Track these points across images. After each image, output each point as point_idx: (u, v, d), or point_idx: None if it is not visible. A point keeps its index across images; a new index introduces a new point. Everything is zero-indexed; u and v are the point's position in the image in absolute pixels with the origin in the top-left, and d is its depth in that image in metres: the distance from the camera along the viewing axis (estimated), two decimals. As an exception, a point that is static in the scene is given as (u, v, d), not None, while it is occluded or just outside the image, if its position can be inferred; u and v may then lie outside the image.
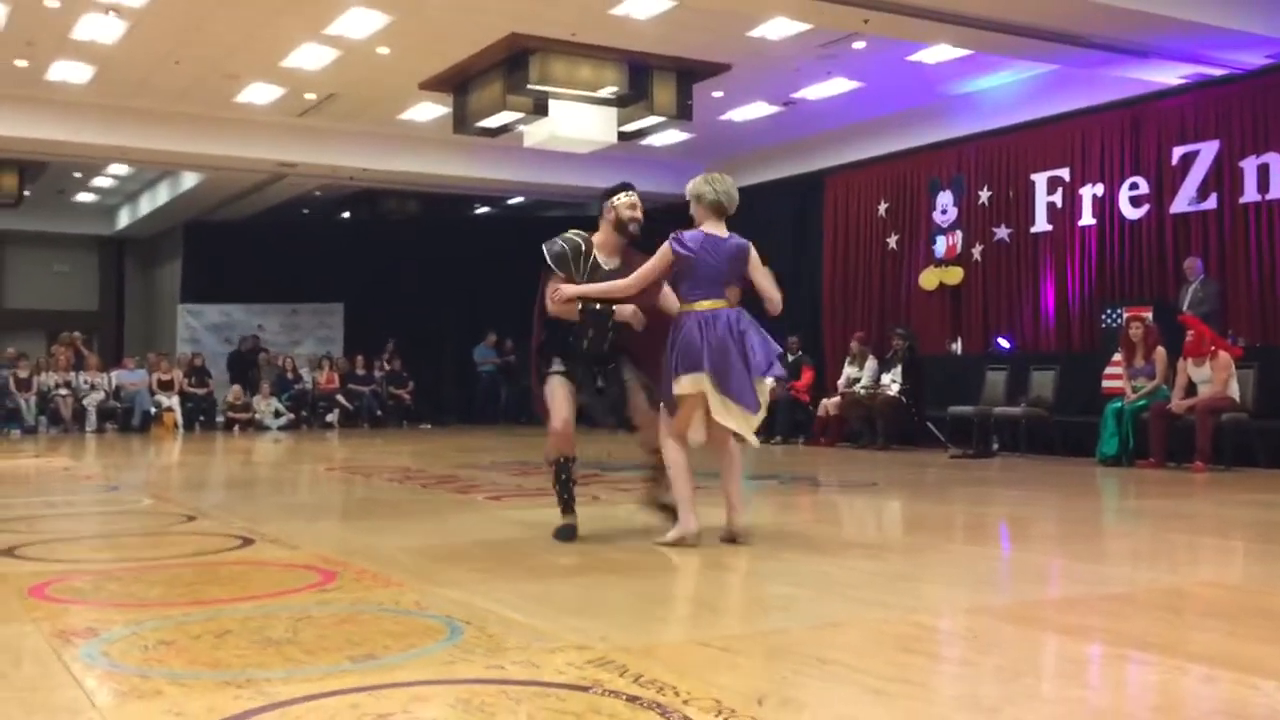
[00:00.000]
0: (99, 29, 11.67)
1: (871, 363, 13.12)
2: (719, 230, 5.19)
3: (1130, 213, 11.88)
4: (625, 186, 5.43)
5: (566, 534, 5.28)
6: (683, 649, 3.12)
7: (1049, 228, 12.70)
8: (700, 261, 5.02)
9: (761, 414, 4.98)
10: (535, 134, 13.14)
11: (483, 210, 21.88)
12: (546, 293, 5.19)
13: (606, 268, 5.24)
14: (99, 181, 20.53)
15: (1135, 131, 11.92)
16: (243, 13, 11.18)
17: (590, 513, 6.39)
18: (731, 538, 5.12)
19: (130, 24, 11.51)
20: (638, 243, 5.34)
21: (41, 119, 14.36)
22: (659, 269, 5.10)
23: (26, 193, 18.59)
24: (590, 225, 5.47)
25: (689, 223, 5.24)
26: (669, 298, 5.24)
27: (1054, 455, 10.83)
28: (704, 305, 5.00)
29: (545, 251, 5.26)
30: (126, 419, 16.73)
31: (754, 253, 5.23)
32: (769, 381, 4.98)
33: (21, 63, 12.85)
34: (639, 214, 5.32)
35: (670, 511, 5.25)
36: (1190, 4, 10.11)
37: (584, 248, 5.27)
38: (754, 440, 5.09)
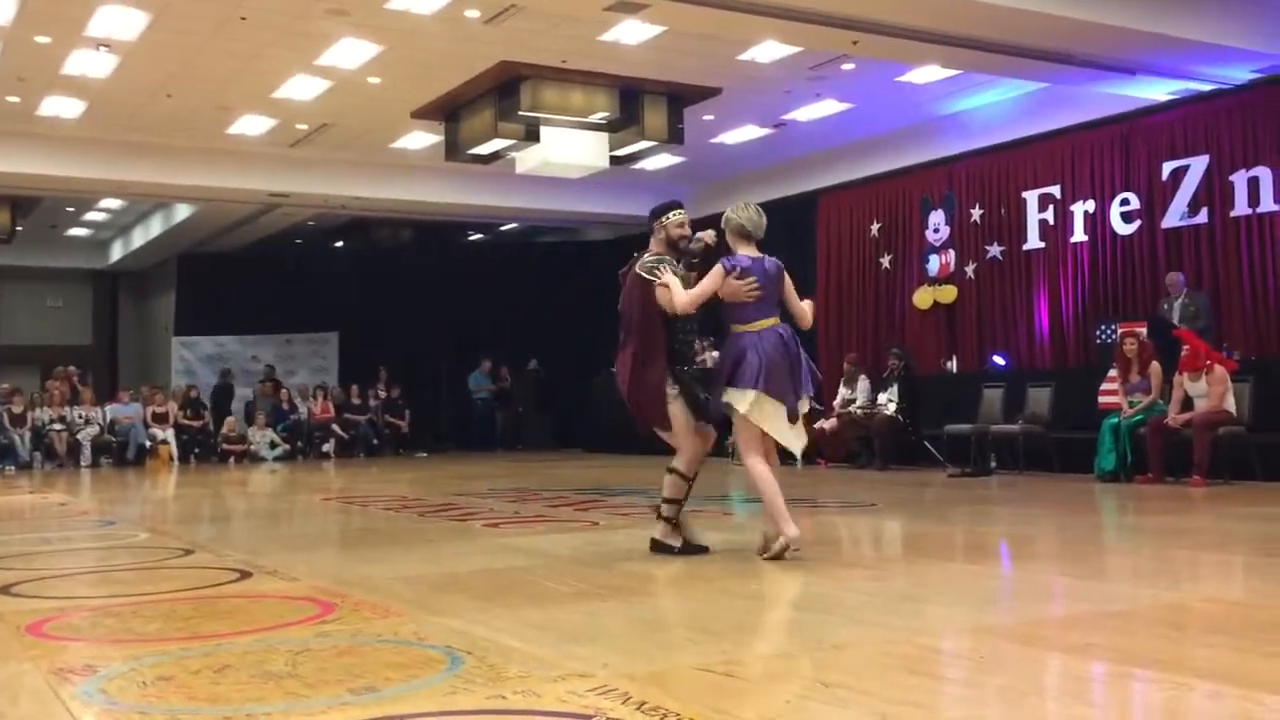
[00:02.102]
0: (90, 64, 11.70)
1: (864, 383, 13.12)
2: (754, 252, 5.47)
3: (1122, 228, 11.92)
4: (675, 205, 5.69)
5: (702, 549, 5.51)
6: (685, 674, 3.10)
7: (1041, 245, 12.74)
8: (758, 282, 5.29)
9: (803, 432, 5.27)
10: (527, 160, 13.18)
11: (476, 237, 21.91)
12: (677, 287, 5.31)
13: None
14: (91, 215, 20.54)
15: (1125, 148, 11.98)
16: (234, 45, 11.22)
17: (588, 538, 6.38)
18: (779, 553, 5.17)
19: (121, 59, 11.55)
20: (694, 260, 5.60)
21: (33, 154, 14.38)
22: (712, 289, 5.30)
23: (19, 228, 18.59)
24: (585, 250, 5.56)
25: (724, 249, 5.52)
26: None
27: (1052, 472, 10.82)
28: (761, 324, 5.30)
29: (643, 263, 5.44)
30: (121, 453, 16.68)
31: (785, 272, 5.53)
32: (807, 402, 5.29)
33: (13, 99, 12.88)
34: (687, 231, 5.64)
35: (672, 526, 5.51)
36: (1177, 21, 10.18)
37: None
38: (798, 454, 5.42)
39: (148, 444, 16.77)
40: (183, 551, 6.14)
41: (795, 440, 5.29)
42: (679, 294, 5.30)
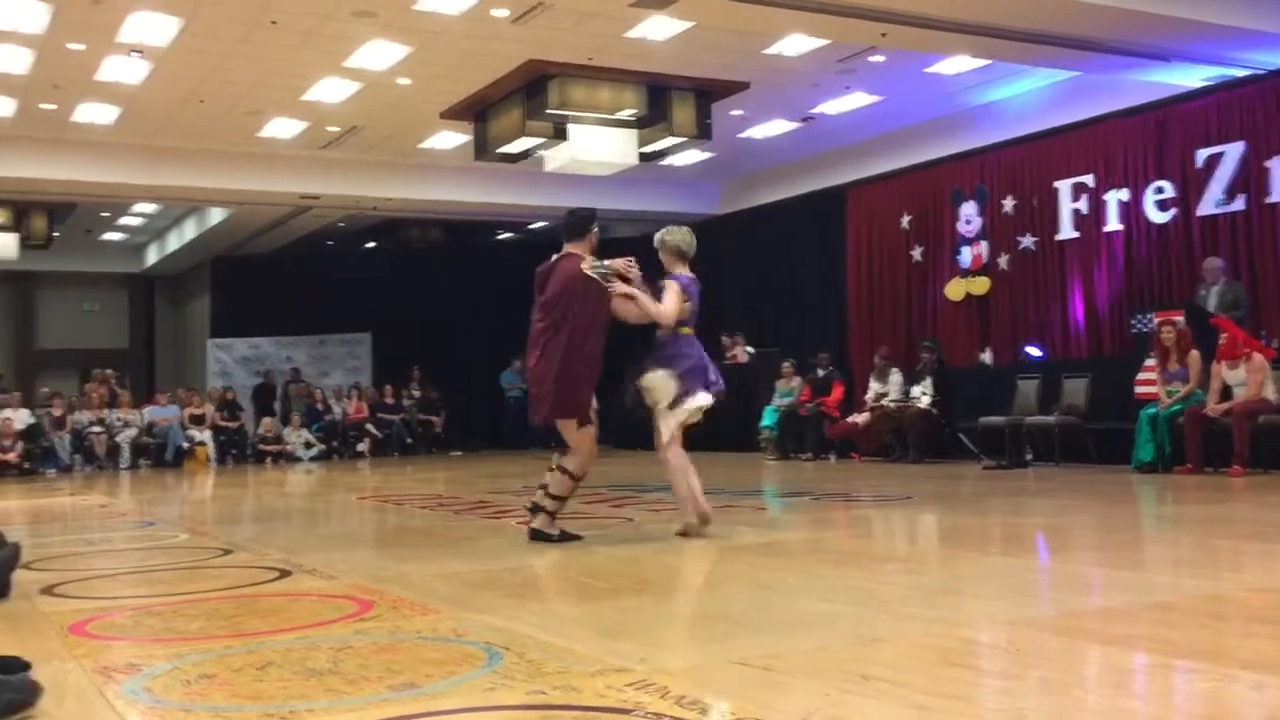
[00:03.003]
0: (123, 70, 11.82)
1: (896, 376, 13.05)
2: (688, 271, 6.10)
3: (1157, 217, 11.80)
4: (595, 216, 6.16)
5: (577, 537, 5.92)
6: (724, 669, 3.10)
7: (1075, 234, 12.63)
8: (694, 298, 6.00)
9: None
10: (556, 158, 13.19)
11: (505, 236, 21.98)
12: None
13: None
14: (127, 220, 20.76)
15: (1159, 135, 11.86)
16: (264, 50, 11.30)
17: (623, 534, 6.39)
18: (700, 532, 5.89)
19: (154, 65, 11.66)
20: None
21: (69, 160, 14.55)
22: (680, 304, 5.89)
23: (56, 234, 18.81)
24: (614, 247, 5.73)
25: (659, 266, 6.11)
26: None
27: (1089, 464, 10.72)
28: (689, 331, 5.97)
29: (594, 267, 5.86)
30: (160, 454, 16.85)
31: None
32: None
33: (48, 106, 13.03)
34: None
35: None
36: (1211, 6, 10.07)
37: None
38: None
39: (185, 445, 16.94)
40: (222, 551, 6.20)
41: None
42: (666, 308, 5.85)
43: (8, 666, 3.07)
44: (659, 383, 5.87)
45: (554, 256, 5.99)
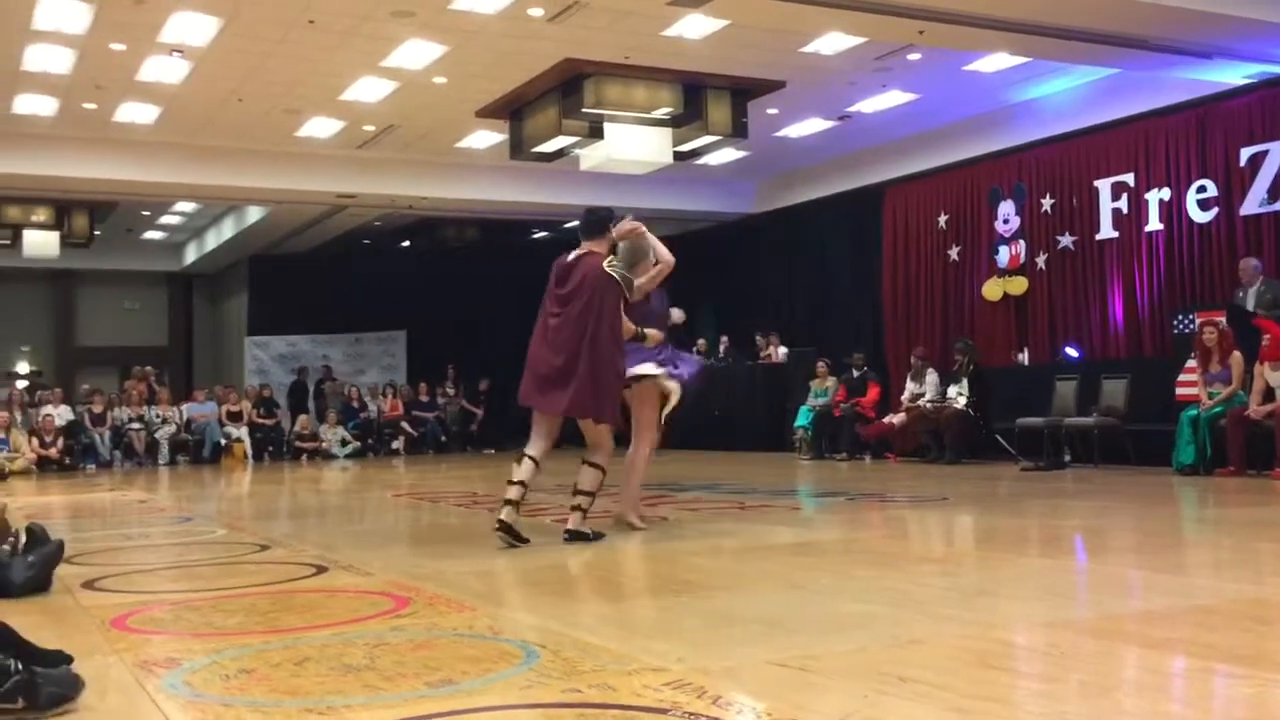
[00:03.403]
0: (164, 70, 11.94)
1: (933, 376, 12.97)
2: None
3: (1199, 216, 11.67)
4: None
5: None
6: (761, 669, 3.09)
7: (1115, 234, 12.51)
8: None
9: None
10: (591, 157, 13.20)
11: (541, 235, 22.01)
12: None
13: None
14: (166, 219, 20.99)
15: (1201, 133, 11.72)
16: (302, 49, 11.38)
17: (659, 533, 6.39)
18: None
19: (194, 64, 11.77)
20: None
21: (110, 160, 14.72)
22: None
23: (97, 232, 19.03)
24: None
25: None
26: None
27: (1128, 465, 10.61)
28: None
29: (616, 267, 5.97)
30: (198, 451, 17.02)
31: None
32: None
33: (90, 105, 13.19)
34: None
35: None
36: (1253, 2, 9.92)
37: None
38: None
39: (223, 442, 17.10)
40: (259, 547, 6.25)
41: None
42: (665, 254, 6.35)
43: (50, 660, 3.10)
44: (669, 383, 6.18)
45: (573, 253, 6.02)
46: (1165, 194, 11.98)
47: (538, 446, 5.92)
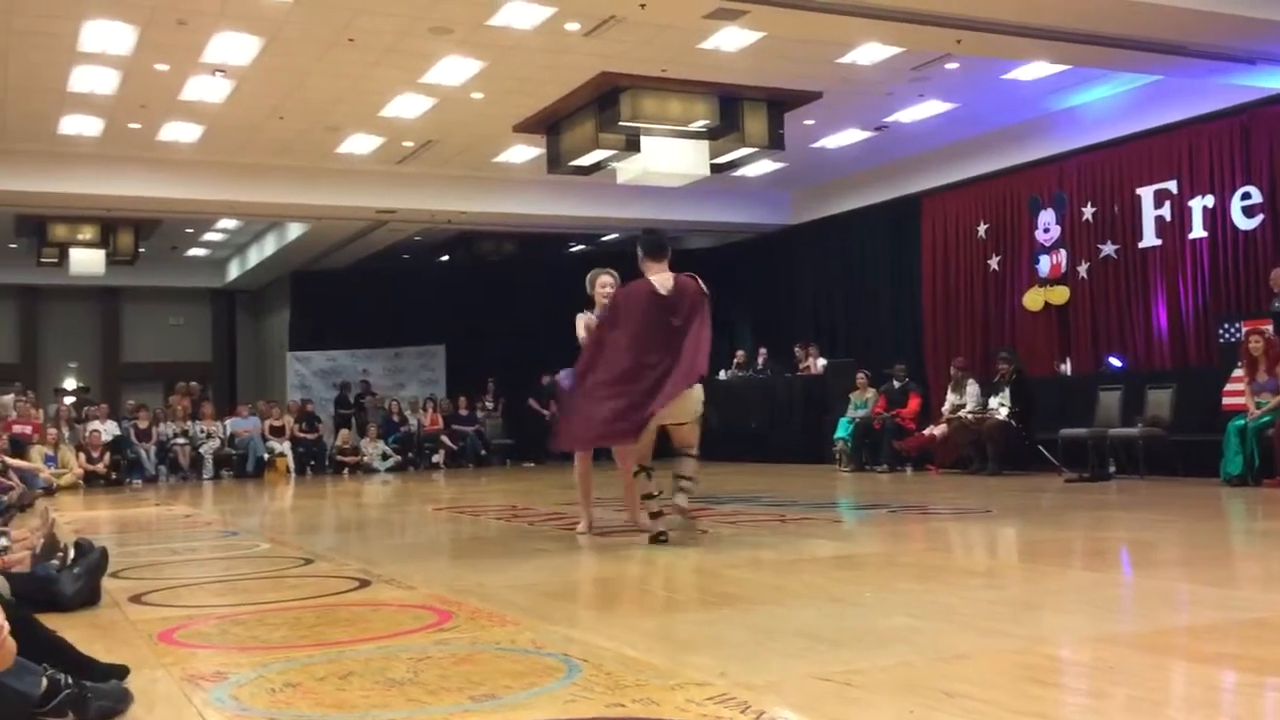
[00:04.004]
0: (207, 90, 12.10)
1: (973, 387, 12.86)
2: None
3: (1244, 223, 11.52)
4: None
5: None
6: (804, 683, 3.07)
7: (1158, 242, 12.38)
8: None
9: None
10: (628, 170, 13.23)
11: (578, 248, 22.07)
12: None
13: None
14: (209, 236, 21.23)
15: (1245, 140, 11.58)
16: (342, 67, 11.50)
17: (699, 547, 6.37)
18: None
19: (236, 83, 11.92)
20: None
21: (155, 178, 14.92)
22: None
23: (141, 249, 19.27)
24: (687, 258, 5.86)
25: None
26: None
27: (1174, 476, 10.47)
28: None
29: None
30: (241, 465, 17.18)
31: None
32: None
33: (135, 125, 13.38)
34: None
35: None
36: (1298, 6, 9.80)
37: None
38: None
39: (266, 457, 17.25)
40: (303, 561, 6.29)
41: None
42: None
43: (107, 674, 3.15)
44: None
45: (658, 278, 6.36)
46: (1209, 201, 11.84)
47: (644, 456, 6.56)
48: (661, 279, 6.32)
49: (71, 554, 5.01)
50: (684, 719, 2.72)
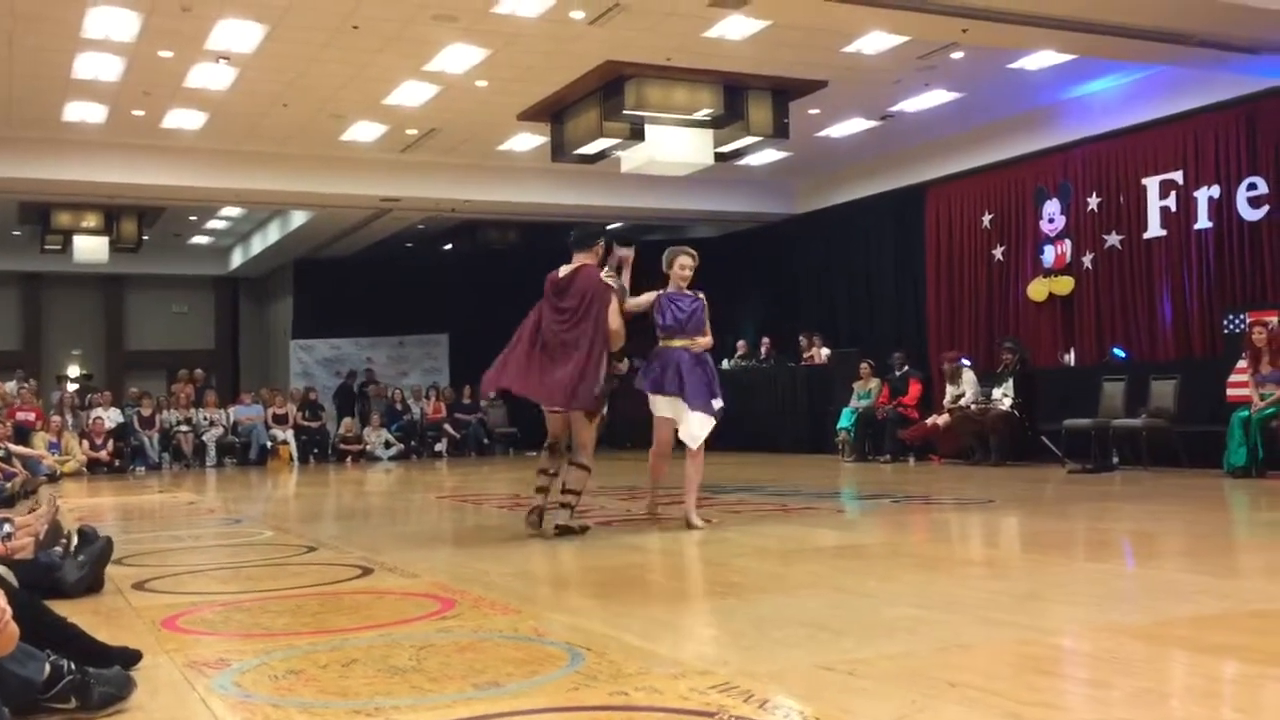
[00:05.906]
0: (210, 77, 12.07)
1: (969, 375, 12.85)
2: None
3: (1249, 214, 11.48)
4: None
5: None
6: (808, 673, 3.07)
7: (1163, 232, 12.33)
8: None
9: None
10: (632, 159, 13.19)
11: (582, 237, 22.04)
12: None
13: None
14: (213, 223, 21.23)
15: (1251, 130, 11.53)
16: (346, 55, 11.47)
17: (703, 536, 6.37)
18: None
19: (239, 71, 11.89)
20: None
21: (158, 166, 14.90)
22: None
23: (145, 237, 19.27)
24: (691, 247, 6.15)
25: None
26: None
27: (1178, 468, 10.45)
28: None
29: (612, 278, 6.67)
30: (244, 453, 17.19)
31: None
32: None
33: (139, 112, 13.35)
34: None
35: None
36: (1305, -4, 9.75)
37: None
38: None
39: (269, 444, 17.26)
40: (306, 549, 6.30)
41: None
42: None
43: (117, 658, 3.16)
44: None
45: (567, 267, 6.68)
46: (1214, 191, 11.80)
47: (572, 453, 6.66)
48: (569, 268, 6.68)
49: (75, 541, 5.02)
50: (686, 707, 2.72)
